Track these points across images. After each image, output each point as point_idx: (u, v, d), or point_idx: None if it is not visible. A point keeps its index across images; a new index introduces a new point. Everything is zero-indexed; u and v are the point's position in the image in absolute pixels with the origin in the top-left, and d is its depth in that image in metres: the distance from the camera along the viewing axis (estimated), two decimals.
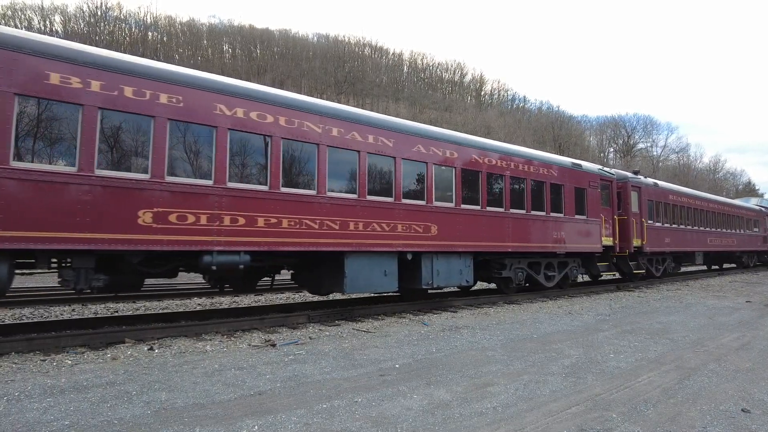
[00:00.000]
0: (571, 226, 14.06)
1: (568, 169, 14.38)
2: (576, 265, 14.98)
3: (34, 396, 4.54)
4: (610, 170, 16.75)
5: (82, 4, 61.60)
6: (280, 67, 65.78)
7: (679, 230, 20.33)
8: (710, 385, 5.25)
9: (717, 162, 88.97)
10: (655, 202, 18.67)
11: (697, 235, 22.01)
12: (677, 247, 20.03)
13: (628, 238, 16.57)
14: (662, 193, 19.52)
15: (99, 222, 6.44)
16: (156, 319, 8.81)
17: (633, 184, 17.49)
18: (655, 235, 18.20)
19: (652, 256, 18.79)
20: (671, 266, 20.64)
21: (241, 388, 4.88)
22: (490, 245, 11.65)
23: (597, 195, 15.22)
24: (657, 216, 18.77)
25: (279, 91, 9.13)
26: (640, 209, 17.46)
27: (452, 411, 4.28)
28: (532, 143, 49.85)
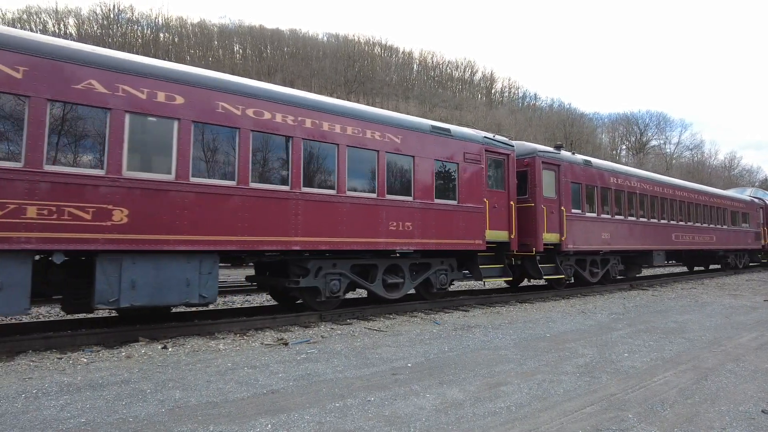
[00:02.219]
0: (427, 215, 10.32)
1: (425, 135, 10.49)
2: (447, 268, 11.13)
3: (51, 393, 4.60)
4: (506, 140, 12.64)
5: (95, 7, 62.35)
6: (291, 66, 65.99)
7: (625, 223, 15.98)
8: (728, 385, 5.16)
9: (732, 159, 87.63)
10: (585, 186, 14.49)
11: (655, 229, 17.61)
12: (623, 245, 15.78)
13: (534, 232, 12.69)
14: (597, 174, 15.07)
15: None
16: (169, 318, 8.88)
17: (546, 160, 13.21)
18: (582, 228, 14.07)
19: (585, 256, 14.71)
20: (618, 269, 16.29)
21: (254, 387, 4.90)
22: (256, 241, 7.91)
23: (479, 173, 11.40)
24: (588, 204, 14.60)
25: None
26: (558, 194, 13.37)
27: (465, 410, 4.26)
28: (544, 140, 49.45)
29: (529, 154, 13.16)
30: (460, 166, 11.11)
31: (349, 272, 9.48)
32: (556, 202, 13.41)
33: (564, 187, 13.63)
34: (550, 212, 13.14)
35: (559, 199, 13.45)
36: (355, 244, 9.21)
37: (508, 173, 12.26)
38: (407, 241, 10.03)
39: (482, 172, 11.55)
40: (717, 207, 22.70)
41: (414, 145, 10.28)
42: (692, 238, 20.14)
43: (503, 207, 12.08)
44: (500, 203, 12.01)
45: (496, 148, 12.08)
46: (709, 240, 21.59)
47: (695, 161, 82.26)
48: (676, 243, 19.04)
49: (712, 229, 21.89)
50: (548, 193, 13.24)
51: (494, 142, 12.07)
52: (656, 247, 17.69)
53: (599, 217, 14.88)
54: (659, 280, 18.75)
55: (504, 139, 12.59)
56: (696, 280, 19.87)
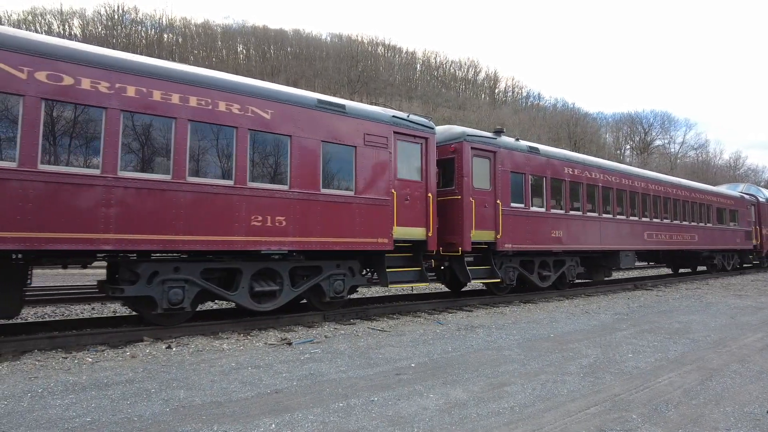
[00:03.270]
0: (310, 208, 8.49)
1: (308, 111, 8.60)
2: (345, 273, 9.25)
3: (57, 393, 4.62)
4: (425, 121, 10.71)
5: (100, 8, 62.64)
6: (294, 67, 66.11)
7: (584, 220, 14.03)
8: (733, 386, 5.14)
9: (737, 158, 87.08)
10: (531, 177, 12.63)
11: (622, 227, 15.68)
12: (581, 244, 13.88)
13: (460, 229, 10.86)
14: (546, 164, 13.15)
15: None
16: (175, 318, 8.90)
17: (477, 146, 11.33)
18: (525, 225, 12.26)
19: (533, 257, 12.89)
20: (576, 272, 14.32)
21: (257, 387, 4.92)
22: (45, 239, 6.23)
23: (386, 159, 9.62)
24: (535, 197, 12.84)
25: None
26: (494, 185, 11.60)
27: (469, 411, 4.26)
28: (548, 140, 49.33)
29: (456, 139, 11.28)
30: (358, 150, 9.21)
31: (198, 278, 7.60)
32: (491, 194, 11.58)
33: (501, 177, 11.79)
34: (482, 206, 11.30)
35: (494, 191, 11.62)
36: (197, 243, 7.37)
37: (426, 160, 10.35)
38: (279, 239, 8.11)
39: (390, 157, 9.69)
40: (700, 203, 20.59)
41: (292, 122, 8.37)
42: (670, 237, 18.14)
43: (419, 199, 10.14)
44: (415, 195, 10.08)
45: (410, 129, 10.17)
46: (690, 239, 19.54)
47: (700, 161, 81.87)
48: (650, 242, 17.04)
49: (693, 228, 19.84)
50: (480, 184, 11.40)
51: (407, 123, 10.14)
52: (624, 247, 15.71)
53: (549, 212, 13.00)
54: (663, 280, 18.67)
55: (422, 120, 10.62)
56: (701, 281, 19.77)
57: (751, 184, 32.27)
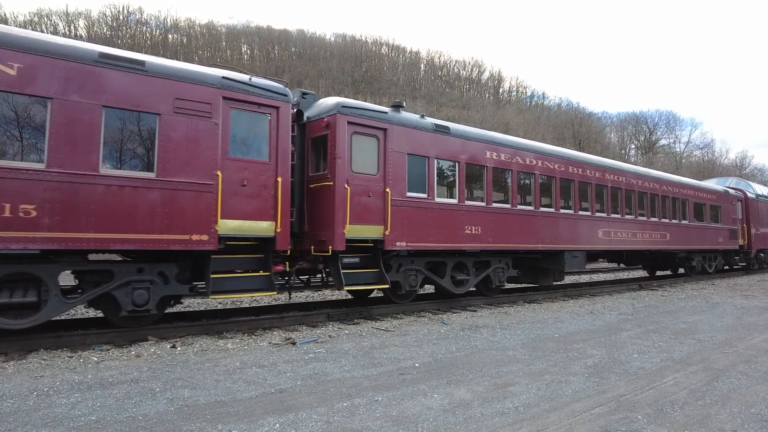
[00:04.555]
0: (74, 193, 6.47)
1: (83, 67, 6.64)
2: (151, 280, 7.23)
3: (63, 391, 4.65)
4: (276, 85, 8.54)
5: (105, 9, 62.97)
6: (298, 67, 66.19)
7: (511, 214, 11.78)
8: (740, 387, 5.11)
9: (743, 158, 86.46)
10: (437, 161, 10.41)
11: (568, 223, 13.29)
12: (509, 242, 11.62)
13: (329, 223, 8.81)
14: (460, 146, 10.88)
15: None
16: (178, 318, 8.95)
17: (357, 120, 9.20)
18: (427, 219, 10.06)
19: (445, 258, 10.72)
20: (505, 275, 12.10)
21: (262, 386, 4.93)
22: None
23: (210, 132, 7.54)
24: (443, 186, 10.74)
25: None
26: (383, 170, 9.46)
27: (473, 410, 4.25)
28: (552, 140, 49.20)
29: (329, 112, 9.15)
30: (163, 118, 7.22)
31: None
32: (378, 181, 9.41)
33: (395, 160, 9.64)
34: (364, 195, 9.19)
35: (383, 177, 9.45)
36: None
37: (276, 135, 8.24)
38: (24, 235, 6.09)
39: (216, 130, 7.61)
40: (673, 197, 18.14)
41: (56, 81, 6.40)
42: (633, 235, 15.77)
43: (265, 186, 8.08)
44: (258, 180, 8.03)
45: (251, 96, 8.03)
46: (659, 239, 17.05)
47: (705, 160, 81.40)
48: (606, 242, 14.57)
49: (664, 225, 17.41)
50: (362, 167, 9.28)
51: (244, 87, 8.01)
52: (571, 247, 13.33)
53: (463, 205, 10.81)
54: (668, 281, 18.57)
55: (270, 85, 8.41)
56: (707, 281, 19.65)
57: (740, 178, 29.01)
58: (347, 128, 9.12)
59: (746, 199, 23.50)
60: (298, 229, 9.21)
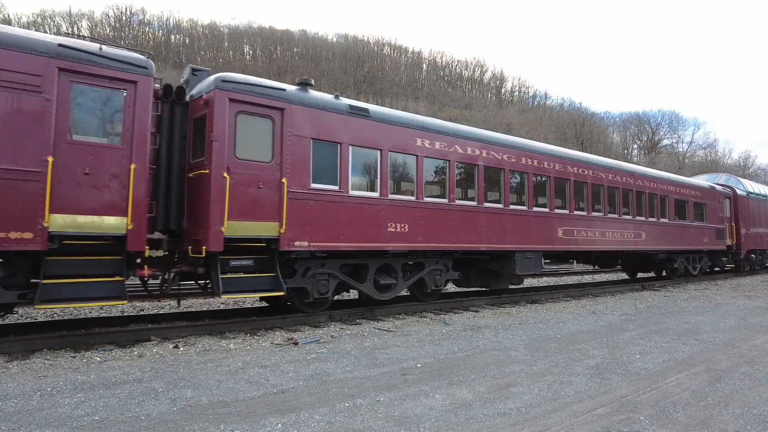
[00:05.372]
0: None
1: None
2: None
3: (66, 391, 4.67)
4: (131, 55, 7.25)
5: (108, 10, 63.18)
6: (300, 67, 66.23)
7: (448, 210, 10.51)
8: (743, 387, 5.10)
9: (747, 158, 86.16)
10: (351, 148, 9.09)
11: (520, 220, 12.00)
12: (443, 242, 10.32)
13: (204, 219, 7.56)
14: (380, 132, 9.54)
15: None
16: (180, 318, 8.97)
17: (242, 97, 7.89)
18: (338, 215, 8.76)
19: (366, 260, 9.45)
20: (444, 278, 10.82)
21: (264, 386, 4.94)
22: None
23: (31, 108, 6.33)
24: (360, 177, 9.45)
25: None
26: (279, 157, 8.14)
27: (475, 411, 4.25)
28: (554, 140, 49.13)
29: (208, 89, 7.88)
30: None
31: None
32: (273, 169, 8.11)
33: (295, 146, 8.33)
34: (252, 186, 7.90)
35: (279, 165, 8.15)
36: None
37: (133, 114, 6.99)
38: None
39: (48, 107, 6.41)
40: (650, 193, 16.63)
41: None
42: (601, 234, 14.30)
43: (114, 175, 6.84)
44: (104, 167, 6.80)
45: (97, 67, 6.80)
46: (634, 238, 15.57)
47: (709, 160, 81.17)
48: (568, 241, 13.15)
49: (640, 223, 15.95)
50: (251, 153, 8.00)
51: (88, 57, 6.73)
52: (523, 247, 11.98)
53: (385, 198, 9.45)
54: (671, 281, 18.52)
55: (125, 54, 7.15)
56: (709, 281, 19.61)
57: (730, 174, 26.84)
58: (229, 106, 7.78)
59: (735, 196, 22.05)
60: (177, 226, 8.01)
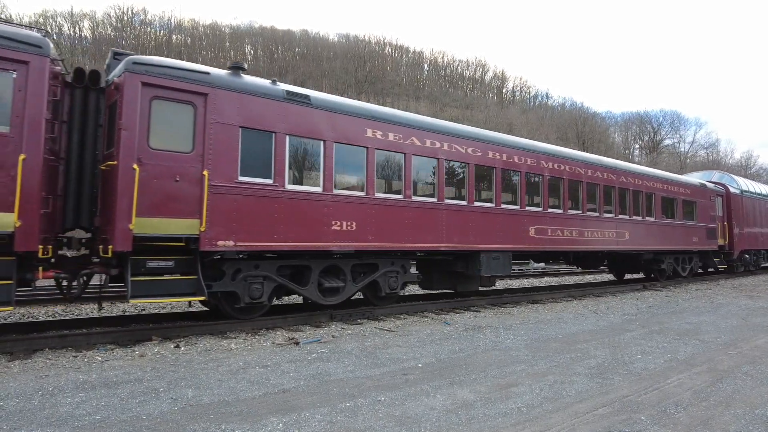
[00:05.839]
0: None
1: None
2: None
3: (67, 391, 4.67)
4: (20, 32, 6.54)
5: (110, 10, 63.24)
6: (302, 67, 66.30)
7: (404, 207, 9.73)
8: (745, 388, 5.09)
9: (749, 157, 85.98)
10: (288, 138, 8.30)
11: (485, 218, 11.14)
12: (398, 241, 9.54)
13: (111, 216, 6.90)
14: (324, 121, 8.77)
15: None
16: (182, 318, 8.98)
17: (157, 81, 7.17)
18: (272, 211, 8.02)
19: (308, 261, 8.77)
20: (401, 280, 10.07)
21: (265, 386, 4.94)
22: None
23: None
24: (297, 169, 8.74)
25: None
26: (201, 146, 7.42)
27: (476, 411, 4.25)
28: (556, 140, 49.12)
29: (119, 72, 7.18)
30: None
31: None
32: (194, 161, 7.39)
33: (220, 135, 7.60)
34: (169, 179, 7.15)
35: (201, 156, 7.42)
36: None
37: (24, 98, 6.30)
38: None
39: None
40: (635, 190, 15.68)
41: None
42: (580, 233, 13.42)
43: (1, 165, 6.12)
44: None
45: None
46: (617, 237, 14.67)
47: (710, 160, 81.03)
48: (540, 240, 12.35)
49: (623, 222, 15.03)
50: (167, 143, 7.27)
51: None
52: (489, 247, 11.17)
53: (329, 194, 8.69)
54: (672, 281, 18.48)
55: (13, 31, 6.45)
56: (711, 281, 19.57)
57: (724, 172, 25.77)
58: (142, 91, 7.07)
59: (728, 194, 21.09)
60: (89, 223, 7.45)
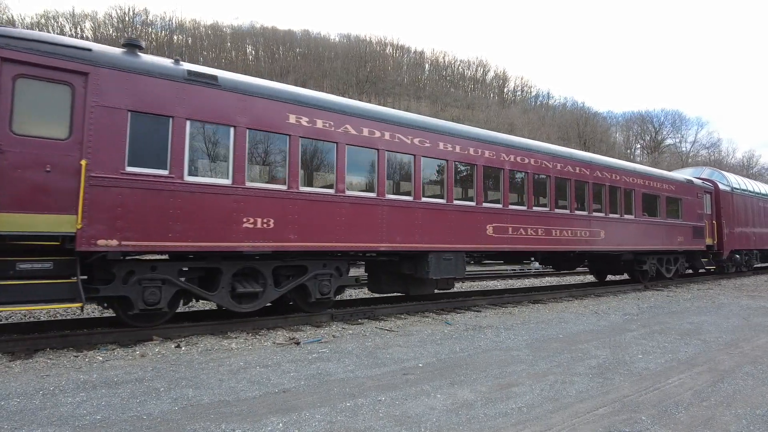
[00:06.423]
0: None
1: None
2: None
3: (68, 391, 4.68)
4: None
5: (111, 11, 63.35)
6: (303, 67, 66.33)
7: (336, 202, 8.75)
8: (745, 388, 5.08)
9: (751, 157, 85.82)
10: (189, 124, 7.37)
11: (433, 215, 10.12)
12: (328, 241, 8.61)
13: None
14: (236, 106, 7.79)
15: None
16: (183, 318, 8.99)
17: (22, 57, 6.27)
18: (163, 206, 7.07)
19: (219, 263, 7.91)
20: (333, 285, 9.07)
21: (265, 386, 4.94)
22: None
23: None
24: (201, 159, 7.73)
25: None
26: (80, 132, 6.58)
27: (476, 411, 4.24)
28: (557, 140, 49.08)
29: None
30: None
31: None
32: (70, 149, 6.49)
33: (103, 120, 6.68)
34: (38, 169, 6.26)
35: (79, 143, 6.53)
36: None
37: None
38: None
39: None
40: (611, 186, 14.60)
41: None
42: (546, 232, 12.42)
43: None
44: None
45: None
46: (590, 236, 13.57)
47: (712, 160, 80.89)
48: (501, 239, 11.36)
49: (598, 220, 13.91)
50: (36, 128, 6.38)
51: None
52: (440, 246, 10.19)
53: (240, 187, 7.75)
54: (674, 281, 18.45)
55: None
56: (713, 281, 19.53)
57: (714, 168, 24.68)
58: (3, 68, 6.24)
59: (717, 191, 19.96)
60: None
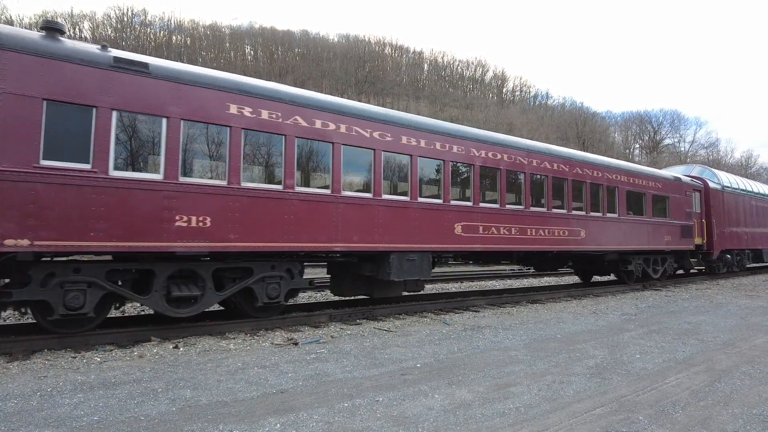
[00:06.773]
0: None
1: None
2: None
3: (66, 392, 4.68)
4: None
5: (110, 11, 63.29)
6: (302, 67, 66.35)
7: (283, 199, 8.28)
8: (743, 387, 5.09)
9: (749, 157, 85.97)
10: (114, 114, 6.81)
11: (395, 213, 9.66)
12: (278, 240, 8.16)
13: None
14: (168, 94, 7.25)
15: None
16: (181, 319, 8.96)
17: None
18: (84, 203, 6.50)
19: (152, 265, 7.38)
20: (284, 288, 8.58)
21: (263, 387, 4.94)
22: None
23: None
24: (129, 151, 7.08)
25: None
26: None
27: (474, 411, 4.25)
28: (556, 140, 49.14)
29: None
30: None
31: None
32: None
33: (12, 110, 6.10)
34: None
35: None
36: None
37: None
38: None
39: None
40: (592, 183, 14.05)
41: None
42: (521, 231, 11.90)
43: None
44: None
45: None
46: (569, 236, 13.09)
47: (711, 160, 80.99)
48: (470, 239, 10.85)
49: (578, 219, 13.42)
50: None
51: None
52: (403, 246, 9.69)
53: (172, 182, 7.19)
54: (672, 280, 18.48)
55: None
56: (711, 281, 19.56)
57: (705, 166, 24.04)
58: None
59: (707, 189, 19.51)
60: None
